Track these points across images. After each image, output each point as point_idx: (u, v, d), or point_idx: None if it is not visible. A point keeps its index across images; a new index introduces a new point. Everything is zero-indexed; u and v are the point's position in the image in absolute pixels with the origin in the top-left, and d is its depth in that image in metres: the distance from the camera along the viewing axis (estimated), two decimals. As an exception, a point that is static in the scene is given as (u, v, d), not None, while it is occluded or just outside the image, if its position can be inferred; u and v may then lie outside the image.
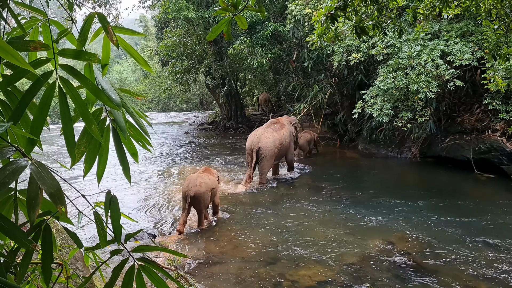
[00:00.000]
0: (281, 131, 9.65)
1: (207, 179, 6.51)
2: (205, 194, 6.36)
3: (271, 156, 9.22)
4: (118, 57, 43.33)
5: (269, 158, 9.19)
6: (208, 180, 6.52)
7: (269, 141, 9.18)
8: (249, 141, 9.32)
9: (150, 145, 1.50)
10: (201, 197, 6.31)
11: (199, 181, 6.37)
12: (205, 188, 6.35)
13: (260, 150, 9.06)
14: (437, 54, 9.21)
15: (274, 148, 9.20)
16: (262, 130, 9.54)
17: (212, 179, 6.67)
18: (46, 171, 1.07)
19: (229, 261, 5.41)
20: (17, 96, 1.41)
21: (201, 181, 6.39)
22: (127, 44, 1.42)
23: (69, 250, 3.52)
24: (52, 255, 1.27)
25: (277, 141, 9.33)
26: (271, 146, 9.15)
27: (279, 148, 9.40)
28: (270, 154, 9.16)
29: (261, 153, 9.08)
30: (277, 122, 10.05)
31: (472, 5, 4.68)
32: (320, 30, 4.63)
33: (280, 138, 9.44)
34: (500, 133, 9.73)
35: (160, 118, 27.69)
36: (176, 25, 17.74)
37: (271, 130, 9.52)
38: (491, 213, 7.02)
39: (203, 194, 6.33)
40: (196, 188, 6.27)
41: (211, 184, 6.54)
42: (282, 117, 10.72)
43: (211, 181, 6.57)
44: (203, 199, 6.35)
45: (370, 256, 5.45)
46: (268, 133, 9.37)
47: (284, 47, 15.18)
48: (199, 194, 6.27)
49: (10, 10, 1.43)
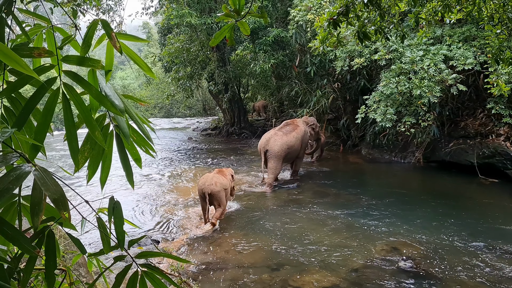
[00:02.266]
0: (291, 134, 9.80)
1: (221, 179, 7.04)
2: (220, 192, 6.87)
3: (278, 159, 9.43)
4: (122, 63, 43.58)
5: (276, 160, 9.41)
6: (222, 180, 7.04)
7: (277, 144, 9.42)
8: (260, 142, 9.77)
9: (154, 151, 1.50)
10: (216, 195, 6.83)
11: (215, 180, 6.87)
12: (219, 187, 6.87)
13: (267, 152, 9.42)
14: (440, 59, 9.20)
15: (280, 151, 9.40)
16: (272, 132, 9.84)
17: (225, 179, 7.18)
18: (49, 177, 1.08)
19: (233, 266, 5.39)
20: (21, 103, 1.41)
21: (216, 180, 6.90)
22: (131, 51, 1.43)
23: (72, 256, 3.52)
24: (55, 261, 1.27)
25: (285, 145, 9.50)
26: (278, 149, 9.37)
27: (286, 152, 9.56)
28: (277, 157, 9.39)
29: (268, 155, 9.42)
30: (290, 124, 10.22)
31: (474, 10, 4.68)
32: (322, 36, 4.64)
33: (288, 142, 9.58)
34: (504, 137, 9.69)
35: (163, 124, 27.74)
36: (179, 31, 17.80)
37: (281, 133, 9.75)
38: (496, 218, 6.98)
39: (218, 193, 6.84)
40: (212, 186, 6.78)
41: (225, 184, 7.06)
42: (298, 119, 10.93)
43: (224, 181, 7.09)
44: (218, 196, 6.86)
45: (374, 261, 5.42)
46: (278, 136, 9.62)
47: (287, 52, 15.21)
48: (214, 192, 6.78)
49: (15, 17, 1.44)
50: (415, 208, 7.66)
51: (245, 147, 16.48)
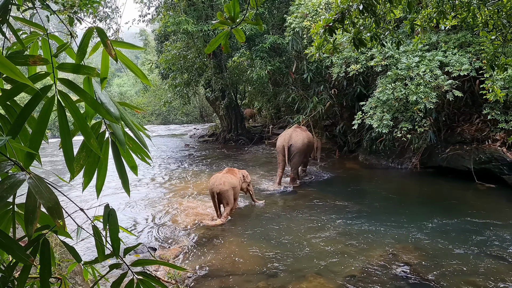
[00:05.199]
0: (307, 131, 10.91)
1: (230, 179, 7.52)
2: (229, 191, 7.36)
3: (302, 152, 10.34)
4: (119, 70, 43.62)
5: (300, 154, 10.32)
6: (231, 179, 7.53)
7: (299, 138, 10.31)
8: (281, 140, 10.48)
9: (149, 158, 1.50)
10: (225, 194, 7.33)
11: (223, 180, 7.38)
12: (228, 186, 7.36)
13: (291, 147, 10.20)
14: (436, 65, 9.25)
15: (303, 145, 10.31)
16: (291, 130, 10.67)
17: (234, 178, 7.65)
18: (44, 185, 1.07)
19: (230, 274, 5.37)
20: (16, 110, 1.41)
21: (225, 180, 7.41)
22: (126, 58, 1.43)
23: (68, 264, 3.50)
24: (50, 269, 1.26)
25: (305, 139, 10.46)
26: (301, 143, 10.26)
27: (307, 145, 10.53)
28: (300, 151, 10.26)
29: (292, 149, 10.20)
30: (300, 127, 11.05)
31: (469, 16, 4.72)
32: (318, 42, 4.67)
33: (308, 137, 10.64)
34: (500, 143, 9.72)
35: (160, 131, 27.73)
36: (176, 38, 17.86)
37: (299, 130, 10.67)
38: (493, 223, 6.99)
39: (227, 192, 7.33)
40: (220, 186, 7.30)
41: (234, 183, 7.54)
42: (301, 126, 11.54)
43: (233, 180, 7.58)
44: (226, 195, 7.35)
45: (372, 267, 5.41)
46: (298, 132, 10.50)
47: (284, 59, 15.26)
48: (223, 191, 7.28)
49: (10, 26, 1.44)
50: (412, 214, 7.66)
51: (242, 153, 16.49)
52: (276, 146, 10.82)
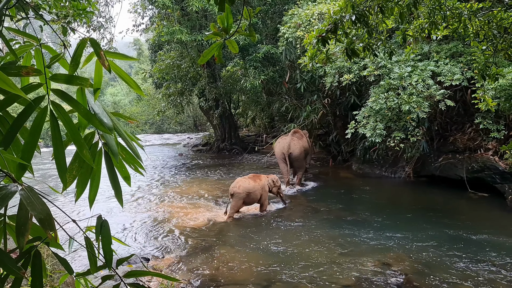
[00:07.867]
0: (302, 139, 11.63)
1: (247, 184, 8.20)
2: (241, 194, 8.05)
3: (302, 159, 11.31)
4: (113, 80, 43.58)
5: (301, 160, 11.30)
6: (247, 184, 8.20)
7: (297, 147, 11.18)
8: (280, 148, 11.32)
9: (143, 168, 1.50)
10: (237, 197, 8.06)
11: (239, 184, 8.16)
12: (242, 190, 8.07)
13: (291, 155, 11.08)
14: (428, 75, 9.34)
15: (301, 152, 11.23)
16: (289, 138, 11.38)
17: (253, 184, 8.27)
18: (36, 196, 1.06)
19: (223, 284, 5.33)
20: (8, 121, 1.40)
21: (241, 184, 8.15)
22: (119, 68, 1.43)
23: (60, 275, 3.46)
24: (41, 281, 1.25)
25: (302, 147, 11.33)
26: (299, 152, 11.17)
27: (305, 153, 11.42)
28: (300, 158, 11.24)
29: (292, 157, 11.11)
30: (297, 132, 11.85)
31: (460, 27, 4.78)
32: (311, 52, 4.69)
33: (303, 145, 11.45)
34: (492, 152, 9.78)
35: (154, 140, 27.65)
36: (169, 48, 17.91)
37: (296, 138, 11.44)
38: (486, 232, 7.01)
39: (239, 195, 8.04)
40: (235, 189, 8.10)
41: (250, 188, 8.18)
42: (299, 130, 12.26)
43: (250, 185, 8.22)
44: (238, 198, 8.06)
45: (366, 277, 5.40)
46: (295, 141, 11.32)
47: (277, 68, 15.34)
48: (236, 193, 8.04)
49: (3, 37, 1.44)
50: (406, 223, 7.67)
51: (236, 162, 16.47)
52: (275, 153, 11.69)
